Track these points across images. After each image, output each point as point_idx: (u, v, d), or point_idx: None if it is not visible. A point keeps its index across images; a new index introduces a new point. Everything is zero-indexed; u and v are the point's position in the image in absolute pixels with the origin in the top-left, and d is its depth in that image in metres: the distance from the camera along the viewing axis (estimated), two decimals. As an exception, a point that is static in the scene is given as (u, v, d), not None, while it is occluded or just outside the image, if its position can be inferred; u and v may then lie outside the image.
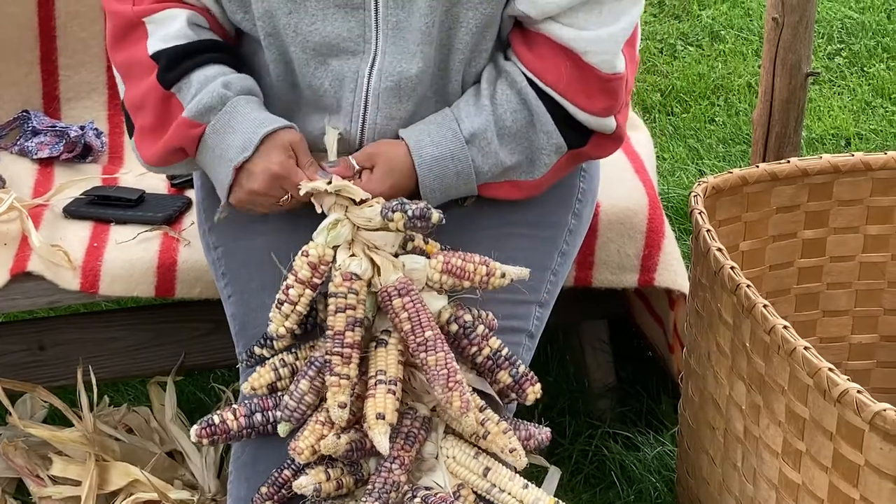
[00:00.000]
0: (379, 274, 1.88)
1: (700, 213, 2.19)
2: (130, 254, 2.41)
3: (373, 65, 1.98)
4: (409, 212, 1.85)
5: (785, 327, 1.92)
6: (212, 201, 2.12)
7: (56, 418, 2.63)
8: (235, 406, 1.94)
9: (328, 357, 1.84)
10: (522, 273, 1.93)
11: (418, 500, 1.85)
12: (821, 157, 2.40)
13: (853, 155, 2.41)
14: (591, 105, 2.00)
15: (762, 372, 2.01)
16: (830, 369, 1.83)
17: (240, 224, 2.08)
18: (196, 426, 1.93)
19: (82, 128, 2.73)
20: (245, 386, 1.96)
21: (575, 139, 2.03)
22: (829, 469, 1.89)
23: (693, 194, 2.23)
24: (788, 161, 2.39)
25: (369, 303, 1.89)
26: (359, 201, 1.91)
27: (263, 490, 1.93)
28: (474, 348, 1.92)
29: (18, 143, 2.72)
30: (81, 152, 2.71)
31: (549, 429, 2.01)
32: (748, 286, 2.01)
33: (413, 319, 1.84)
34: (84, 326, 2.61)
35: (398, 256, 1.91)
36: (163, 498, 2.39)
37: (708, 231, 2.15)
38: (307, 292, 1.88)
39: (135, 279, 2.39)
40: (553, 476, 2.17)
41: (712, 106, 4.12)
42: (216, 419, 1.93)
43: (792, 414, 1.95)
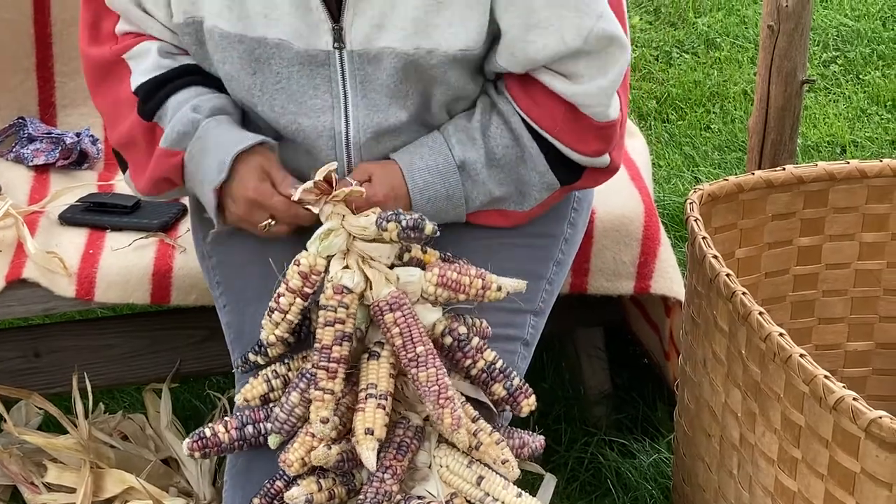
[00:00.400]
0: (371, 287, 1.87)
1: (696, 221, 2.19)
2: (126, 261, 2.41)
3: (347, 119, 1.97)
4: (404, 222, 1.84)
5: (781, 334, 1.92)
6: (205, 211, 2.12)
7: (51, 425, 2.62)
8: (227, 419, 1.95)
9: (314, 371, 1.84)
10: (519, 286, 1.91)
11: (410, 510, 1.85)
12: (816, 165, 2.40)
13: (849, 162, 2.42)
14: (585, 148, 2.01)
15: (758, 379, 2.01)
16: (826, 377, 1.83)
17: (234, 233, 2.08)
18: (188, 439, 1.94)
19: (78, 135, 2.73)
20: (238, 397, 1.97)
21: (567, 176, 2.04)
22: (825, 476, 1.89)
23: (689, 201, 2.23)
24: (784, 168, 2.39)
25: (362, 314, 1.88)
26: (355, 208, 1.91)
27: (255, 501, 1.92)
28: (468, 361, 1.91)
29: (14, 150, 2.72)
30: (77, 159, 2.71)
31: (543, 437, 2.01)
32: (744, 293, 2.01)
33: (405, 334, 1.83)
34: (79, 333, 2.61)
35: (394, 267, 1.90)
36: (158, 505, 2.39)
37: (704, 238, 2.15)
38: (298, 301, 1.87)
39: (130, 286, 2.39)
40: (549, 483, 2.17)
41: (708, 113, 4.13)
42: (207, 432, 1.93)
43: (788, 421, 1.95)
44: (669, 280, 2.48)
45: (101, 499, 2.42)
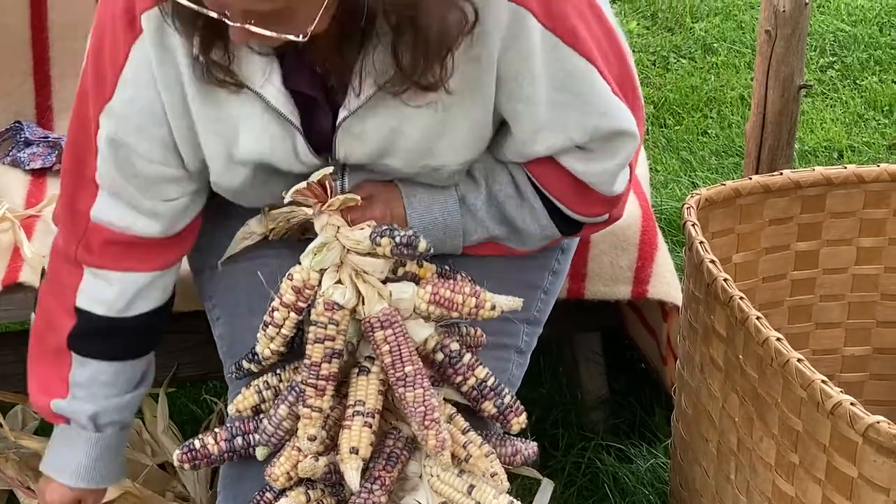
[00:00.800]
0: (364, 303, 1.85)
1: (693, 225, 2.19)
2: (122, 265, 2.40)
3: (343, 175, 1.97)
4: (397, 238, 1.81)
5: (778, 339, 1.92)
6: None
7: (47, 430, 2.61)
8: (217, 430, 1.95)
9: (302, 387, 1.83)
10: (514, 304, 1.89)
11: (399, 520, 1.85)
12: (813, 170, 2.40)
13: (846, 167, 2.42)
14: (590, 211, 2.01)
15: (755, 384, 2.01)
16: (824, 381, 1.83)
17: (225, 248, 2.07)
18: (178, 451, 1.94)
19: (75, 139, 2.73)
20: (230, 408, 1.97)
21: (569, 229, 2.04)
22: (823, 482, 1.89)
23: (686, 206, 2.23)
24: (781, 173, 2.39)
25: (354, 328, 1.86)
26: (350, 221, 1.89)
27: (245, 513, 1.92)
28: (459, 378, 1.89)
29: (11, 154, 2.72)
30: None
31: (536, 444, 2.00)
32: (741, 298, 2.01)
33: (394, 353, 1.81)
34: (76, 338, 2.60)
35: (388, 282, 1.88)
36: (154, 510, 2.39)
37: (701, 243, 2.15)
38: (292, 315, 1.85)
39: (126, 290, 2.38)
40: (546, 489, 2.17)
41: (705, 118, 4.13)
42: (197, 444, 1.94)
43: (785, 426, 1.95)
44: (667, 285, 2.48)
45: (98, 503, 2.42)
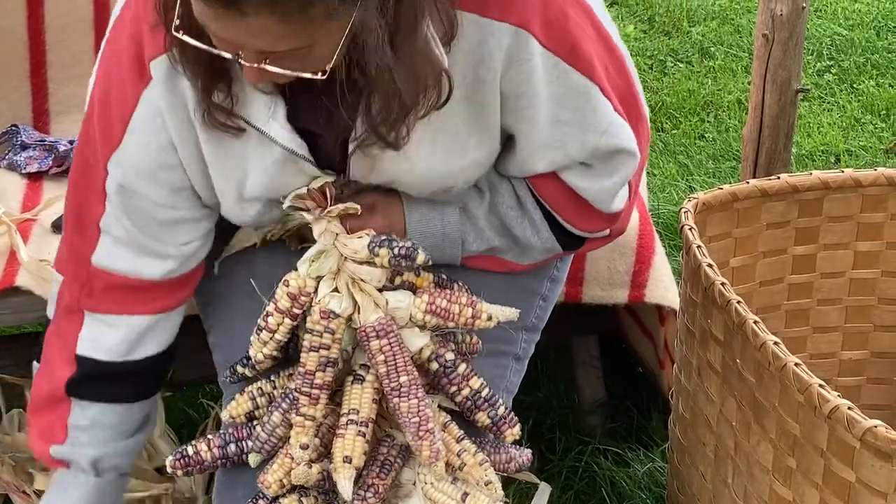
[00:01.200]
0: (359, 311, 1.84)
1: (690, 229, 2.19)
2: (119, 269, 2.39)
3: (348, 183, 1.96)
4: (395, 249, 1.80)
5: (775, 343, 1.92)
6: None
7: (44, 434, 2.61)
8: (210, 437, 1.94)
9: (296, 395, 1.82)
10: (511, 315, 1.88)
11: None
12: (811, 174, 2.40)
13: (843, 171, 2.41)
14: (590, 226, 2.00)
15: (753, 388, 2.01)
16: (821, 385, 1.83)
17: (220, 252, 2.06)
18: (170, 457, 1.94)
19: (71, 142, 2.72)
20: (224, 414, 1.96)
21: (570, 243, 2.03)
22: (820, 486, 1.88)
23: (683, 210, 2.23)
24: (778, 177, 2.39)
25: (349, 336, 1.86)
26: (349, 229, 1.88)
27: (239, 520, 1.92)
28: (454, 388, 1.89)
29: (7, 158, 2.71)
30: (70, 167, 2.70)
31: (530, 450, 2.00)
32: (738, 302, 2.01)
33: (389, 363, 1.81)
34: (72, 342, 2.59)
35: (384, 290, 1.87)
36: (151, 514, 2.38)
37: (698, 247, 2.15)
38: (286, 321, 1.85)
39: (123, 294, 2.38)
40: (543, 492, 2.16)
41: (702, 122, 4.13)
42: (190, 450, 1.93)
43: (783, 430, 1.94)
44: (664, 289, 2.47)
45: (94, 508, 2.41)
